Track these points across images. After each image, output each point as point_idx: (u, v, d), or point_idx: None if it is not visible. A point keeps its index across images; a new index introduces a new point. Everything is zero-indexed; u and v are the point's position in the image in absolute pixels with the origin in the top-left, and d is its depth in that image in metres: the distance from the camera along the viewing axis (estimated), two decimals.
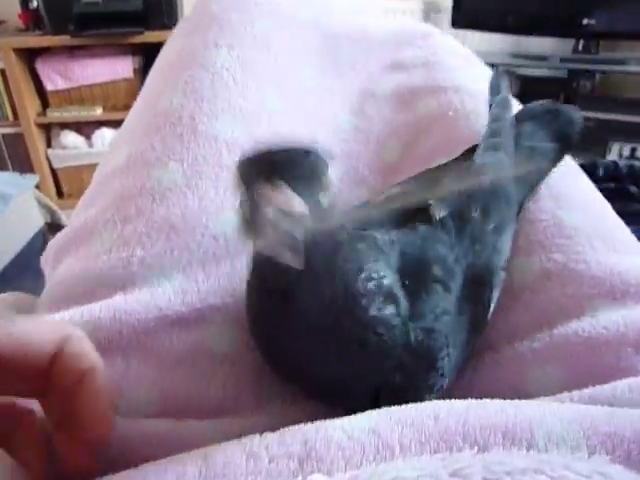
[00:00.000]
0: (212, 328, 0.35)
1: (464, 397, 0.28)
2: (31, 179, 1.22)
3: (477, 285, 0.34)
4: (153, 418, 0.31)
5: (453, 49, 0.59)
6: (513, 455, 0.22)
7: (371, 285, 0.28)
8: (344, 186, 0.47)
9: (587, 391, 0.30)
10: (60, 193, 2.20)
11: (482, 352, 0.36)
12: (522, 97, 0.49)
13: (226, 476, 0.23)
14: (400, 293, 0.29)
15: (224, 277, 0.37)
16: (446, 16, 2.23)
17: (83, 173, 2.10)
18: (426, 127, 0.50)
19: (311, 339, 0.28)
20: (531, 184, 0.42)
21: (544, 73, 2.35)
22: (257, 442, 0.24)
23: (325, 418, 0.26)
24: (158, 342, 0.34)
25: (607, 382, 0.30)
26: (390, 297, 0.29)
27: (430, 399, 0.30)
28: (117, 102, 2.08)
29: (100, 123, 2.09)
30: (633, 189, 0.94)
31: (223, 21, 0.51)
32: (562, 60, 2.04)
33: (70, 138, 2.09)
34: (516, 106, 0.47)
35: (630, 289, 0.35)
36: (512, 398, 0.31)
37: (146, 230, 0.38)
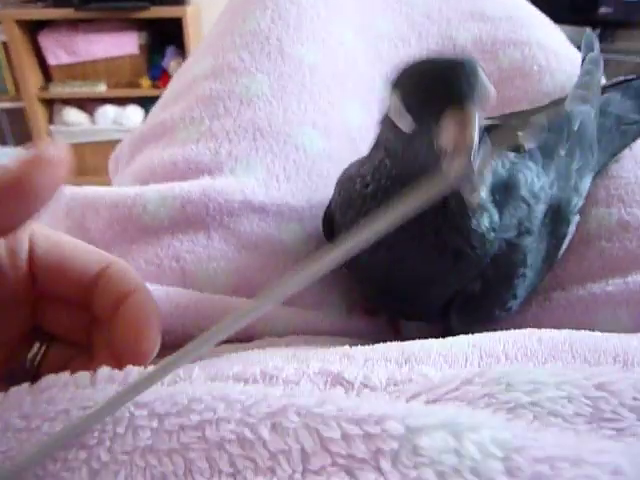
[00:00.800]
0: (290, 225, 0.38)
1: None
2: None
3: (556, 218, 0.35)
4: (226, 294, 0.33)
5: (533, 10, 0.60)
6: None
7: None
8: None
9: None
10: None
11: (551, 290, 0.38)
12: None
13: (318, 363, 0.22)
14: (492, 208, 0.31)
15: (301, 184, 0.40)
16: None
17: (86, 151, 2.07)
18: (509, 77, 0.51)
19: (407, 242, 0.29)
20: (612, 151, 0.43)
21: None
22: (350, 347, 0.24)
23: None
24: (239, 224, 0.37)
25: None
26: (486, 211, 0.30)
27: (499, 316, 0.33)
28: (121, 78, 2.04)
29: (103, 100, 2.05)
30: None
31: None
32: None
33: (72, 114, 2.06)
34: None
35: None
36: None
37: (233, 128, 0.41)
